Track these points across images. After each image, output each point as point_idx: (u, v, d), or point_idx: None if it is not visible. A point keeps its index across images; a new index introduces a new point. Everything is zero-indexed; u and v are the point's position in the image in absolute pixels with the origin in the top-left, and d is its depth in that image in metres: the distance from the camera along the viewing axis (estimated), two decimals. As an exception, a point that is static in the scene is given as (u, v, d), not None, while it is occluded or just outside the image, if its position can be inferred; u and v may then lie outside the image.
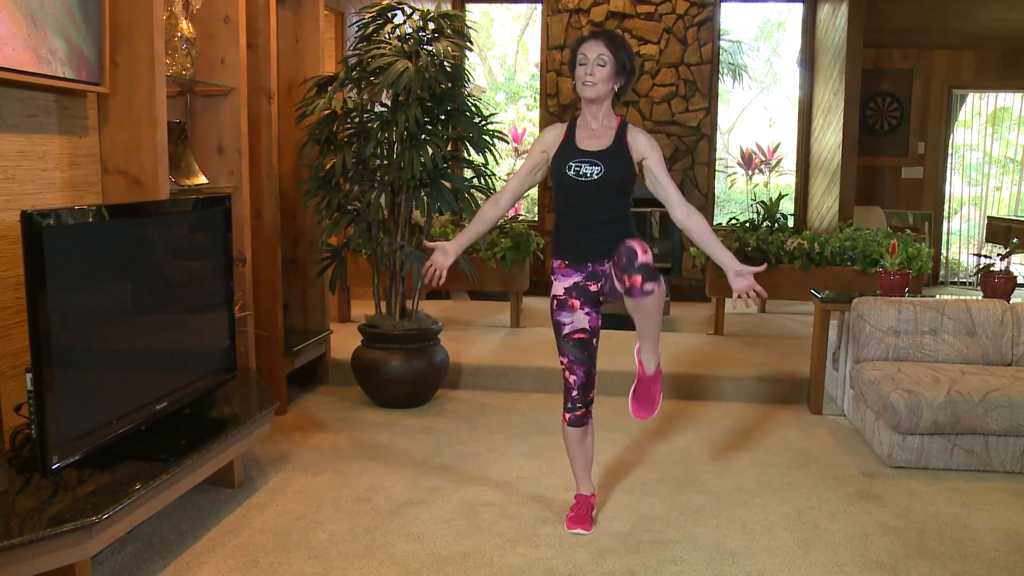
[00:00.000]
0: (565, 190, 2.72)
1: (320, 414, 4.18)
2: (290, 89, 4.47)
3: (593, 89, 2.64)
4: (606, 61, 2.63)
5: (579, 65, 2.66)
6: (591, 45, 2.64)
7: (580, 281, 2.75)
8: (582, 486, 2.98)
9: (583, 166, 2.67)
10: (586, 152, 2.69)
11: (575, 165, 2.68)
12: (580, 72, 2.65)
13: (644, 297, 2.47)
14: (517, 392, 4.61)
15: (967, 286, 8.34)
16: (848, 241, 5.39)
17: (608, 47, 2.63)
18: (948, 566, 2.67)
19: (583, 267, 2.74)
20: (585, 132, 2.74)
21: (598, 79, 2.63)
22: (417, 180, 4.09)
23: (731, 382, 4.52)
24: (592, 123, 2.73)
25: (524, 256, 5.47)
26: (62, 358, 2.32)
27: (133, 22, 2.95)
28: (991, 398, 3.39)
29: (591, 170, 2.66)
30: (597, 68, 2.63)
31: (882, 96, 7.94)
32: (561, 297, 2.78)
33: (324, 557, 2.68)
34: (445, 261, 2.83)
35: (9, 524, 2.13)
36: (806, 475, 3.43)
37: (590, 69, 2.63)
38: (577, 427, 2.86)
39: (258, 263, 3.93)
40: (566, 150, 2.72)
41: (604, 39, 2.65)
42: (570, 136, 2.75)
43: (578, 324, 2.77)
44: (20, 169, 2.70)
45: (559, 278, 2.79)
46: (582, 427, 2.87)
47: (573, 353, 2.79)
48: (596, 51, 2.63)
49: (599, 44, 2.63)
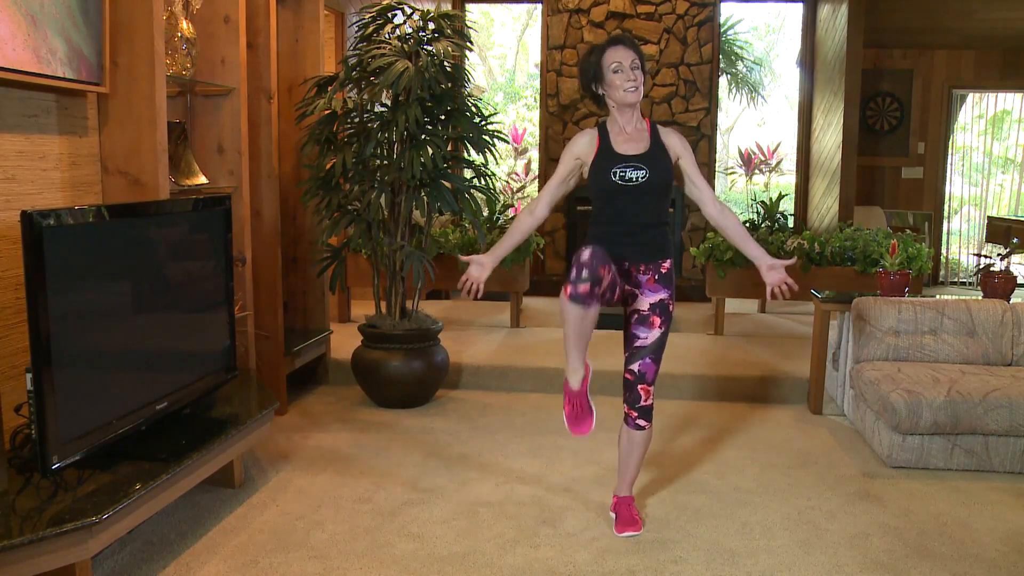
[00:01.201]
0: (609, 195, 2.72)
1: (320, 414, 4.18)
2: (290, 89, 4.47)
3: (637, 94, 2.69)
4: (639, 64, 2.69)
5: (614, 73, 2.68)
6: (622, 52, 2.68)
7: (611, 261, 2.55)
8: (574, 365, 2.66)
9: (627, 171, 2.69)
10: (628, 156, 2.71)
11: (619, 170, 2.69)
12: (618, 79, 2.68)
13: (635, 430, 2.83)
14: (517, 392, 4.61)
15: (967, 286, 8.34)
16: (848, 241, 5.39)
17: (636, 52, 2.70)
18: (948, 566, 2.67)
19: (620, 264, 2.73)
20: (620, 136, 2.75)
21: (639, 83, 2.69)
22: (417, 180, 4.09)
23: (731, 382, 4.52)
24: (626, 127, 2.75)
25: (524, 256, 5.46)
26: (62, 358, 2.32)
27: (133, 22, 2.95)
28: (991, 398, 3.39)
29: (636, 174, 2.68)
30: (637, 73, 2.69)
31: (882, 96, 7.94)
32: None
33: (324, 557, 2.68)
34: (482, 274, 2.86)
35: (9, 524, 2.13)
36: (806, 475, 3.43)
37: (631, 76, 2.67)
38: (578, 305, 2.47)
39: (258, 263, 3.93)
40: (606, 156, 2.73)
41: (631, 45, 2.71)
42: (605, 141, 2.75)
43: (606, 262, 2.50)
44: (20, 169, 2.70)
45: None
46: (583, 307, 2.48)
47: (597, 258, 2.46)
48: (630, 57, 2.68)
49: (630, 51, 2.69)
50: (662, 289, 2.77)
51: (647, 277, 2.76)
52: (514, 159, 10.33)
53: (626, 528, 2.86)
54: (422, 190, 4.17)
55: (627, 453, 2.89)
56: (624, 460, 2.91)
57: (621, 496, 2.95)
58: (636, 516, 2.90)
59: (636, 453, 2.88)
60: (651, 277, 2.77)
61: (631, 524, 2.87)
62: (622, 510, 2.92)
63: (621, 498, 2.95)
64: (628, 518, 2.89)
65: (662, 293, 2.77)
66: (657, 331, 2.78)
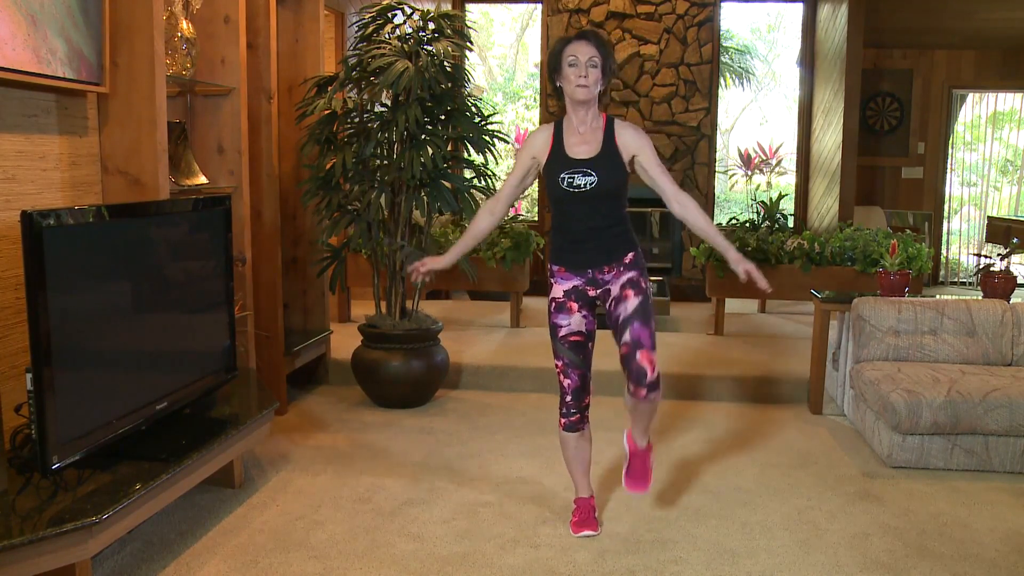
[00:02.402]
0: (559, 201, 2.70)
1: (320, 414, 4.18)
2: (290, 89, 4.47)
3: (586, 91, 2.60)
4: (597, 62, 2.59)
5: (569, 67, 2.60)
6: (581, 47, 2.59)
7: (580, 285, 2.74)
8: (580, 489, 2.95)
9: (576, 177, 2.64)
10: (577, 161, 2.65)
11: (567, 176, 2.64)
12: (571, 74, 2.60)
13: (645, 403, 2.66)
14: (517, 392, 4.61)
15: (967, 286, 8.34)
16: (848, 241, 5.39)
17: (598, 48, 2.60)
18: (948, 566, 2.67)
19: (583, 272, 2.73)
20: (573, 137, 2.69)
21: (591, 81, 2.59)
22: (417, 180, 4.09)
23: (731, 382, 4.52)
24: (579, 127, 2.68)
25: (524, 256, 5.46)
26: (62, 358, 2.32)
27: (133, 22, 2.95)
28: (991, 398, 3.39)
29: (584, 180, 2.63)
30: (590, 70, 2.59)
31: (882, 96, 7.94)
32: (560, 300, 2.76)
33: (324, 557, 2.68)
34: (435, 265, 2.86)
35: (9, 524, 2.13)
36: (806, 475, 3.43)
37: (583, 71, 2.58)
38: (572, 432, 2.84)
39: (258, 263, 3.93)
40: (557, 159, 2.69)
41: (593, 40, 2.61)
42: (558, 142, 2.70)
43: (574, 327, 2.76)
44: (20, 169, 2.70)
45: (559, 281, 2.77)
46: (577, 432, 2.84)
47: (568, 356, 2.77)
48: (588, 53, 2.59)
49: (590, 46, 2.59)
50: (628, 271, 2.70)
51: (612, 273, 2.71)
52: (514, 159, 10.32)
53: (635, 485, 2.87)
54: (422, 190, 4.17)
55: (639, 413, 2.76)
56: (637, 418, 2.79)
57: (638, 447, 2.87)
58: (649, 472, 2.89)
59: (648, 412, 2.76)
60: (616, 271, 2.70)
61: (641, 479, 2.87)
62: (635, 463, 2.88)
63: (638, 449, 2.87)
64: (639, 472, 2.87)
65: (629, 273, 2.69)
66: (635, 299, 2.66)
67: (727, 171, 12.44)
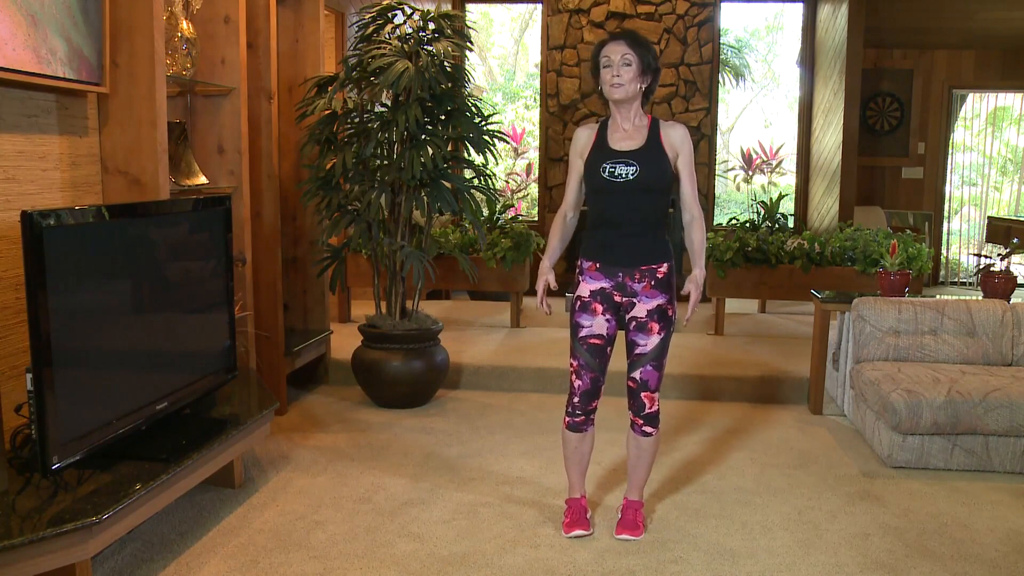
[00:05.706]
0: (600, 192, 2.69)
1: (320, 414, 4.18)
2: (290, 89, 4.47)
3: (621, 90, 2.61)
4: (631, 60, 2.59)
5: (604, 68, 2.62)
6: (614, 46, 2.61)
7: (608, 288, 2.72)
8: (573, 489, 2.94)
9: (618, 166, 2.63)
10: (620, 152, 2.65)
11: (609, 166, 2.64)
12: (606, 75, 2.62)
13: (642, 436, 2.81)
14: (517, 392, 4.61)
15: (967, 286, 8.34)
16: (848, 241, 5.39)
17: (631, 46, 2.60)
18: (948, 566, 2.67)
19: (614, 275, 2.71)
20: (617, 133, 2.69)
21: (625, 79, 2.60)
22: (417, 180, 4.09)
23: (731, 382, 4.52)
24: (624, 124, 2.69)
25: (524, 256, 5.46)
26: (62, 358, 2.32)
27: (133, 22, 2.95)
28: (991, 398, 3.39)
29: (626, 170, 2.62)
30: (623, 68, 2.59)
31: (882, 96, 7.94)
32: (585, 299, 2.74)
33: (324, 557, 2.68)
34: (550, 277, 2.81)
35: (9, 524, 2.13)
36: (806, 475, 3.43)
37: (616, 71, 2.59)
38: (575, 432, 2.84)
39: (258, 263, 3.93)
40: (599, 151, 2.68)
41: (626, 39, 2.62)
42: (602, 137, 2.70)
43: (596, 329, 2.74)
44: (20, 169, 2.70)
45: (587, 279, 2.74)
46: (580, 433, 2.85)
47: (585, 358, 2.76)
48: (620, 51, 2.59)
49: (622, 44, 2.60)
50: (659, 295, 2.70)
51: (643, 284, 2.70)
52: (514, 159, 10.32)
53: (624, 531, 2.85)
54: (422, 190, 4.17)
55: (636, 459, 2.86)
56: (633, 465, 2.88)
57: (631, 499, 2.93)
58: (640, 522, 2.88)
59: (645, 459, 2.86)
60: (647, 284, 2.70)
61: (631, 528, 2.85)
62: (627, 513, 2.90)
63: (631, 501, 2.93)
64: (631, 522, 2.87)
65: (659, 299, 2.70)
66: (656, 337, 2.72)
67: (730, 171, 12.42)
